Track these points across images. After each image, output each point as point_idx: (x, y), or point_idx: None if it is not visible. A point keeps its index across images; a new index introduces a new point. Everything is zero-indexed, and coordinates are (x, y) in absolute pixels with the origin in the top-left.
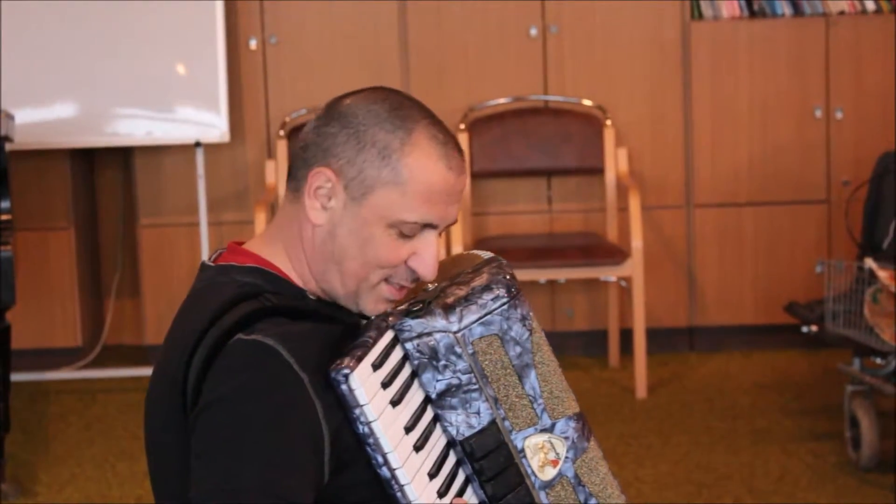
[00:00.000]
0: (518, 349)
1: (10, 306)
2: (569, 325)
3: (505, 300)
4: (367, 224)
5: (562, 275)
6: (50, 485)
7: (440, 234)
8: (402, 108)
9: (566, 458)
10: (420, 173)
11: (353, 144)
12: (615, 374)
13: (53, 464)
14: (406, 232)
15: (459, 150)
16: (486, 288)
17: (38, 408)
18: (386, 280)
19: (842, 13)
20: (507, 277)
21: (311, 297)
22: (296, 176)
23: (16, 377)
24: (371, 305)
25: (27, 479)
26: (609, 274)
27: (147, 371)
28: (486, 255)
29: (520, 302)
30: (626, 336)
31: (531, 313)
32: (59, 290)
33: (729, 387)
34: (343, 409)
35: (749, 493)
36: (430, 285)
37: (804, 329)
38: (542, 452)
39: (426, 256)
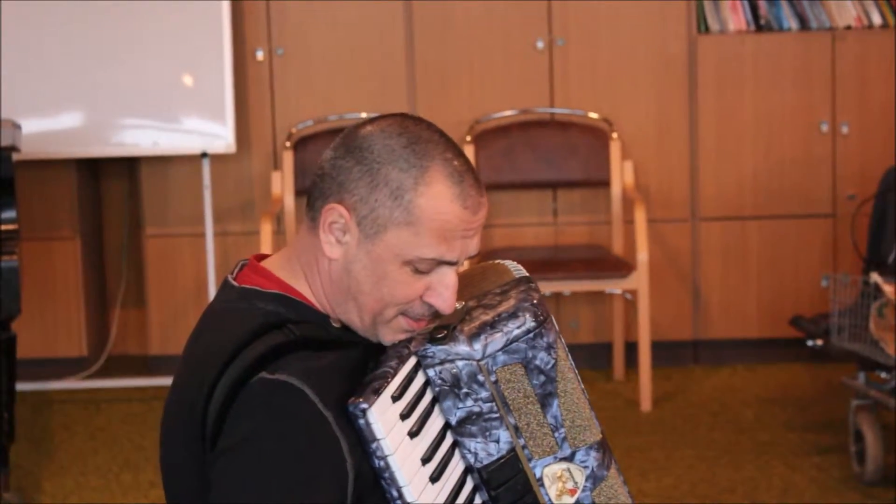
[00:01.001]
0: (542, 378)
1: (15, 316)
2: (573, 337)
3: (531, 327)
4: (381, 262)
5: (567, 287)
6: (54, 494)
7: (460, 265)
8: (419, 142)
9: (584, 487)
10: (433, 214)
11: (367, 182)
12: (619, 387)
13: (58, 473)
14: (421, 268)
15: (478, 185)
16: (513, 315)
17: (42, 417)
18: (403, 313)
19: (848, 28)
20: (535, 303)
21: (335, 323)
22: (313, 206)
23: (21, 387)
24: (389, 337)
25: (31, 489)
26: (614, 287)
27: (152, 381)
28: (517, 270)
29: (546, 329)
30: (631, 349)
31: (559, 339)
32: (65, 299)
33: (733, 400)
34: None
35: None
36: (456, 304)
37: (809, 343)
38: (561, 481)
39: (442, 291)
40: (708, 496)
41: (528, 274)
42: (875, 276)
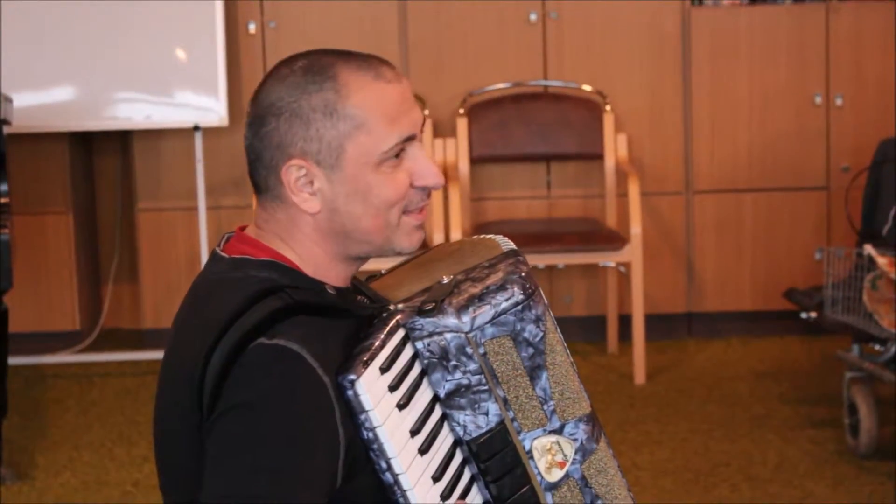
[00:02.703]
0: (530, 350)
1: (7, 290)
2: (567, 310)
3: (520, 300)
4: (358, 177)
5: (560, 260)
6: (47, 469)
7: (420, 137)
8: (312, 64)
9: (574, 459)
10: (370, 104)
11: (298, 123)
12: (613, 361)
13: (51, 448)
14: (393, 159)
15: (386, 62)
16: (501, 287)
17: (35, 392)
18: (405, 212)
19: None
20: (524, 275)
21: (329, 289)
22: (266, 186)
23: (13, 361)
24: (406, 242)
25: (24, 464)
26: (608, 260)
27: (145, 355)
28: (506, 244)
29: (534, 302)
30: (625, 322)
31: (547, 312)
32: (57, 273)
33: (727, 373)
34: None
35: (747, 481)
36: (444, 277)
37: (803, 315)
38: (550, 454)
39: (424, 168)
40: (702, 469)
41: (516, 248)
42: (869, 249)
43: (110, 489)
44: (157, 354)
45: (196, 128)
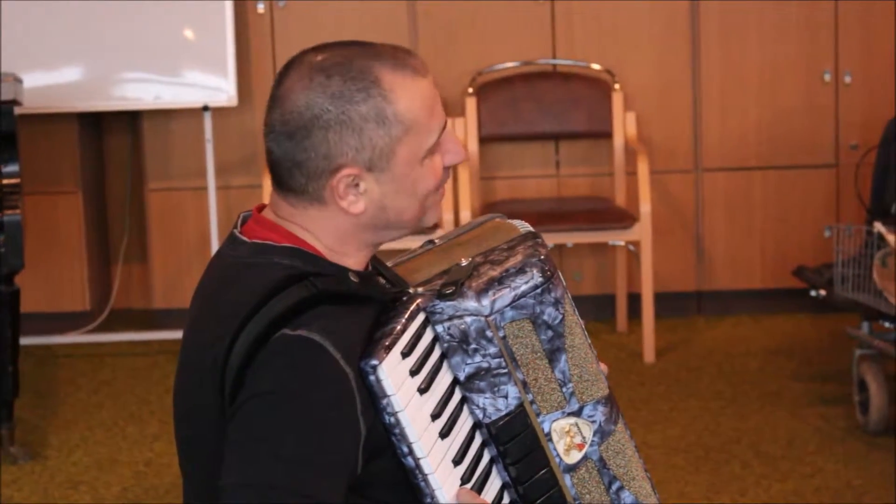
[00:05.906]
0: (550, 333)
1: (18, 270)
2: (576, 289)
3: (539, 283)
4: (406, 175)
5: (570, 239)
6: (59, 448)
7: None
8: (350, 69)
9: (592, 441)
10: (416, 105)
11: (349, 133)
12: (623, 339)
13: (63, 427)
14: (434, 149)
15: (411, 53)
16: (520, 271)
17: (46, 372)
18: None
19: None
20: (542, 258)
21: (352, 276)
22: (304, 190)
23: (24, 341)
24: (433, 217)
25: (37, 443)
26: (617, 238)
27: (155, 335)
28: (524, 227)
29: (553, 285)
30: (634, 300)
31: (566, 294)
32: (68, 253)
33: (737, 351)
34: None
35: (757, 458)
36: (463, 260)
37: (813, 293)
38: (569, 436)
39: (452, 146)
40: (712, 446)
41: (534, 230)
42: (879, 226)
43: (122, 468)
44: (168, 334)
45: (205, 108)
